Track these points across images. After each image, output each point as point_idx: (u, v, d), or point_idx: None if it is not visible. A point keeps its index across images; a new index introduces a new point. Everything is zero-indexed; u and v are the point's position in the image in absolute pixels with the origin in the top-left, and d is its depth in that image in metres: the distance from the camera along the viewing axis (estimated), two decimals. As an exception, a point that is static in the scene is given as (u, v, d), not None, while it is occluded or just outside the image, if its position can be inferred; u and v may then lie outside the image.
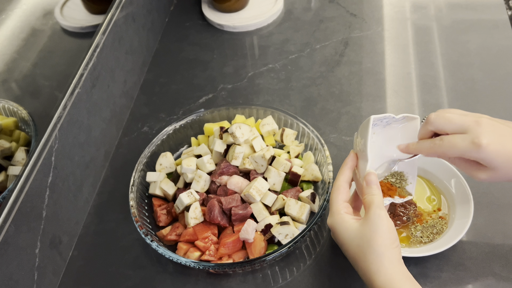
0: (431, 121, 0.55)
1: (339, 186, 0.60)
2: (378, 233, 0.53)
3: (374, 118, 0.57)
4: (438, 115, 0.55)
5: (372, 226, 0.53)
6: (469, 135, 0.52)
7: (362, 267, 0.54)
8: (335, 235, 0.58)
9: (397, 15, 1.07)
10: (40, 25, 0.72)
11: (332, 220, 0.58)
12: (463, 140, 0.52)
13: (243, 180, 0.74)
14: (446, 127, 0.54)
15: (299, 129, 0.81)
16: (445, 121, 0.54)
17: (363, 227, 0.54)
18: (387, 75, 0.95)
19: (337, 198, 0.59)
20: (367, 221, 0.54)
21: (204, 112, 0.84)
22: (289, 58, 1.02)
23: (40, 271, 0.67)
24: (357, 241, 0.54)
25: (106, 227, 0.78)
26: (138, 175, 0.77)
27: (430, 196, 0.73)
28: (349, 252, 0.56)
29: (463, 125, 0.53)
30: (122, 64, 0.92)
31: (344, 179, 0.60)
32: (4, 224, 0.59)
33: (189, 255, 0.69)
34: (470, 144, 0.52)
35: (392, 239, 0.53)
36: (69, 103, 0.73)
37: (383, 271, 0.52)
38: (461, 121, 0.54)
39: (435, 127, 0.55)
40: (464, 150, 0.52)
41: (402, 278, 0.52)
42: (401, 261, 0.54)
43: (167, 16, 1.17)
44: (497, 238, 0.69)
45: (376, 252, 0.52)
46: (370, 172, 0.58)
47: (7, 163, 0.63)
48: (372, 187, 0.57)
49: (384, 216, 0.54)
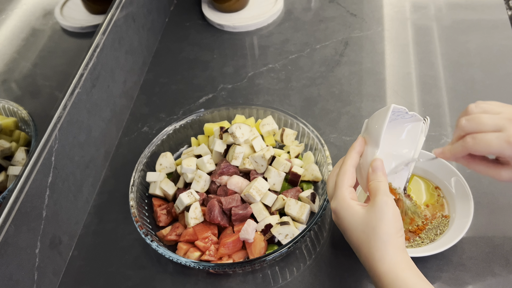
0: (462, 126, 0.55)
1: (346, 170, 0.58)
2: (384, 221, 0.52)
3: (394, 107, 0.56)
4: (468, 119, 0.55)
5: (378, 213, 0.53)
6: (504, 133, 0.52)
7: (365, 254, 0.53)
8: (339, 220, 0.57)
9: (397, 15, 1.07)
10: (40, 25, 0.72)
11: (337, 204, 0.57)
12: (497, 138, 0.52)
13: (243, 180, 0.74)
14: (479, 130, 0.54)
15: (299, 129, 0.81)
16: (476, 124, 0.54)
17: (369, 214, 0.53)
18: (387, 75, 0.95)
19: (343, 182, 0.57)
20: (373, 208, 0.53)
21: (204, 112, 0.84)
22: (289, 58, 1.02)
23: (40, 271, 0.67)
24: (362, 227, 0.53)
25: (106, 227, 0.78)
26: (138, 175, 0.77)
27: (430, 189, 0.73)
28: (352, 238, 0.55)
29: (497, 124, 0.52)
30: (122, 64, 0.92)
31: (352, 163, 0.59)
32: (4, 224, 0.59)
33: (189, 255, 0.69)
34: (504, 143, 0.51)
35: (398, 227, 0.53)
36: (69, 103, 0.73)
37: (388, 259, 0.51)
38: (493, 122, 0.53)
39: (467, 132, 0.55)
40: (497, 148, 0.52)
41: (405, 267, 0.51)
42: (405, 250, 0.53)
43: (167, 16, 1.17)
44: (497, 238, 0.69)
45: (381, 239, 0.52)
46: (377, 158, 0.57)
47: (7, 163, 0.63)
48: (378, 173, 0.56)
49: (391, 203, 0.53)
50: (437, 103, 0.88)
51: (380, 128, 0.57)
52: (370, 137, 0.60)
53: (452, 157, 0.57)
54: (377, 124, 0.58)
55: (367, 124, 0.62)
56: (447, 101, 0.88)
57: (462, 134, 0.55)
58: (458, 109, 0.87)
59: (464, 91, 0.90)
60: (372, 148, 0.58)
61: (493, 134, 0.52)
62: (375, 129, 0.58)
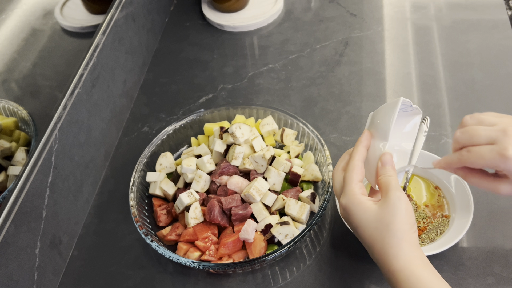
0: (457, 139, 0.54)
1: (355, 165, 0.57)
2: (397, 217, 0.52)
3: (403, 100, 0.56)
4: (463, 132, 0.54)
5: (392, 209, 0.52)
6: (497, 145, 0.51)
7: (378, 251, 0.53)
8: (350, 217, 0.56)
9: (397, 15, 1.07)
10: (40, 25, 0.72)
11: (347, 200, 0.56)
12: (490, 151, 0.51)
13: (243, 180, 0.74)
14: (472, 142, 0.53)
15: (299, 129, 0.81)
16: (470, 136, 0.53)
17: (382, 210, 0.53)
18: (387, 75, 0.95)
19: (352, 177, 0.57)
20: (386, 204, 0.53)
21: (204, 112, 0.84)
22: (289, 58, 1.02)
23: (40, 271, 0.67)
24: (375, 224, 0.53)
25: (106, 227, 0.78)
26: (138, 175, 0.77)
27: (430, 188, 0.73)
28: (365, 235, 0.54)
29: (491, 137, 0.52)
30: (122, 64, 0.92)
31: (360, 158, 0.58)
32: (4, 224, 0.59)
33: (189, 255, 0.69)
34: (497, 155, 0.50)
35: (411, 223, 0.52)
36: (69, 103, 0.73)
37: (402, 256, 0.51)
38: (487, 133, 0.52)
39: (462, 145, 0.54)
40: (491, 161, 0.51)
41: (420, 264, 0.51)
42: (419, 246, 0.53)
43: (167, 16, 1.17)
44: (497, 238, 0.69)
45: (395, 236, 0.51)
46: (386, 152, 0.57)
47: (7, 163, 0.63)
48: (387, 168, 0.56)
49: (404, 198, 0.53)
50: (437, 103, 0.88)
51: (389, 121, 0.56)
52: (377, 130, 0.59)
53: (449, 168, 0.57)
54: (386, 117, 0.57)
55: (372, 117, 0.61)
56: (447, 101, 0.88)
57: (458, 147, 0.55)
58: (458, 109, 0.87)
59: (464, 91, 0.90)
60: (380, 141, 0.58)
61: (487, 147, 0.52)
62: (384, 122, 0.57)
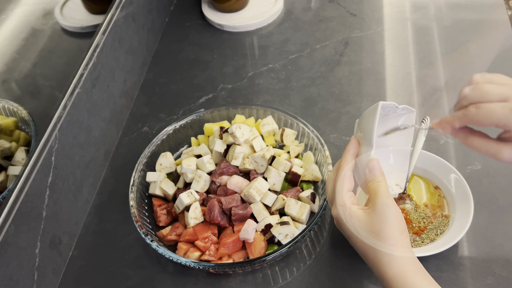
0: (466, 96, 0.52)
1: (343, 175, 0.57)
2: (387, 224, 0.51)
3: (382, 105, 0.55)
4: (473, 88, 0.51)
5: (381, 217, 0.51)
6: (510, 103, 0.49)
7: (372, 259, 0.52)
8: (342, 227, 0.56)
9: (397, 15, 1.07)
10: (40, 25, 0.72)
11: (337, 211, 0.56)
12: (502, 107, 0.49)
13: (243, 180, 0.74)
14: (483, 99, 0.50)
15: (299, 129, 0.81)
16: (481, 93, 0.51)
17: (371, 218, 0.52)
18: (387, 75, 0.95)
19: (341, 187, 0.56)
20: (375, 211, 0.52)
21: (204, 112, 0.84)
22: (289, 58, 1.02)
23: (40, 271, 0.67)
24: (365, 233, 0.52)
25: (106, 227, 0.78)
26: (138, 175, 0.77)
27: (430, 188, 0.73)
28: (358, 244, 0.54)
29: (503, 94, 0.49)
30: (122, 64, 0.92)
31: (349, 167, 0.58)
32: (4, 224, 0.59)
33: (189, 255, 0.69)
34: (510, 112, 0.48)
35: (402, 229, 0.52)
36: (69, 103, 0.73)
37: (395, 263, 0.50)
38: (499, 91, 0.50)
39: (470, 101, 0.51)
40: (502, 118, 0.49)
41: (414, 270, 0.50)
42: (411, 250, 0.52)
43: (167, 16, 1.17)
44: (497, 238, 0.69)
45: (387, 243, 0.51)
46: (373, 158, 0.56)
47: (7, 163, 0.63)
48: (375, 173, 0.55)
49: (392, 204, 0.52)
50: (437, 103, 0.88)
51: (371, 127, 0.56)
52: (363, 137, 0.59)
53: (450, 127, 0.54)
54: (368, 124, 0.57)
55: (358, 124, 0.61)
56: (447, 101, 0.88)
57: (465, 104, 0.52)
58: (458, 109, 0.87)
59: (464, 91, 0.90)
60: (366, 148, 0.58)
61: (498, 104, 0.49)
62: (367, 128, 0.57)
